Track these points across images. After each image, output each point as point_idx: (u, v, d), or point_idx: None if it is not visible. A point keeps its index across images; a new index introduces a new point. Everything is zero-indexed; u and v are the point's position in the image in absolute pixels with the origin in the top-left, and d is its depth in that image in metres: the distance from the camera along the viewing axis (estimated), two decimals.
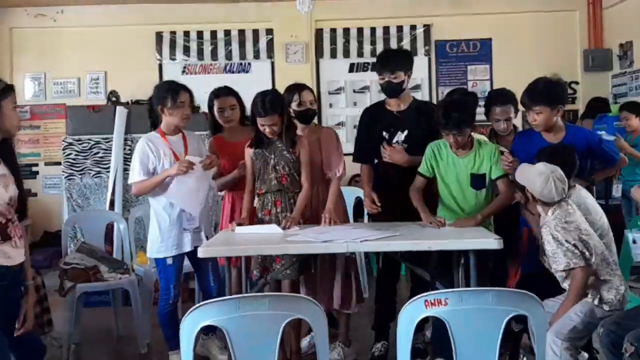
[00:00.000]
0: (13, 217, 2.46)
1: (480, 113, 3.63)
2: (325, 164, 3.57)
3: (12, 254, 2.45)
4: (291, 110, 3.53)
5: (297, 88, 3.62)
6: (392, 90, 3.56)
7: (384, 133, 3.58)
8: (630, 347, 2.35)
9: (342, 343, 3.58)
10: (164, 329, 3.47)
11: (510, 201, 3.28)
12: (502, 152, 3.35)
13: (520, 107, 3.57)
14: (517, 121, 4.09)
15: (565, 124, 3.41)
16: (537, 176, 2.82)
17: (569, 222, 2.76)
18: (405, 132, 3.55)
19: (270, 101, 3.29)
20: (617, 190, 5.42)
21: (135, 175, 3.33)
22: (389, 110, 3.63)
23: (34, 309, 3.43)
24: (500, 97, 3.69)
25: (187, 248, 3.41)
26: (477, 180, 3.28)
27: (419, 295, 2.00)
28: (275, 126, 3.33)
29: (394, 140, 3.55)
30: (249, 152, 3.46)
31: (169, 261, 3.39)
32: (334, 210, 3.40)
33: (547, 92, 3.26)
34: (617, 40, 6.56)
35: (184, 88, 3.42)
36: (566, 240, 2.72)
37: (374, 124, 3.67)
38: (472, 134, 3.32)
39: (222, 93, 3.85)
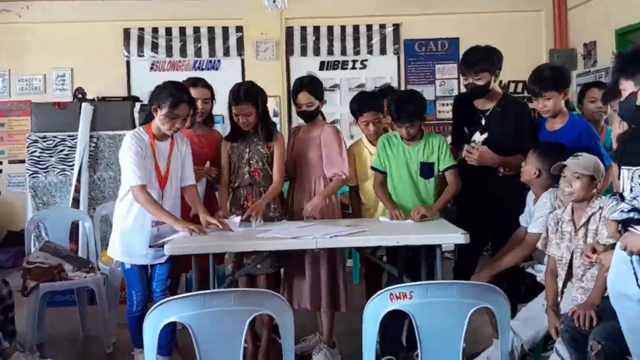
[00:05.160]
0: None
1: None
2: (326, 163, 3.47)
3: None
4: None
5: (296, 89, 3.51)
6: (476, 92, 3.45)
7: (465, 129, 3.55)
8: (597, 345, 2.32)
9: (327, 344, 3.51)
10: (130, 331, 3.34)
11: (459, 190, 3.37)
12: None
13: None
14: None
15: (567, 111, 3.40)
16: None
17: None
18: (485, 135, 3.45)
19: (244, 91, 3.33)
20: None
21: (137, 179, 3.07)
22: (475, 106, 3.51)
23: None
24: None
25: (146, 261, 3.21)
26: (426, 169, 3.37)
27: (384, 289, 2.01)
28: (248, 116, 3.33)
29: (472, 139, 3.49)
30: (225, 145, 3.45)
31: (127, 265, 3.23)
32: (319, 205, 3.38)
33: (555, 77, 3.27)
34: (581, 40, 6.70)
35: (188, 101, 3.14)
36: None
37: (458, 117, 3.68)
38: None
39: (200, 84, 3.65)
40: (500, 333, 2.13)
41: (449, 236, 2.95)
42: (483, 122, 3.48)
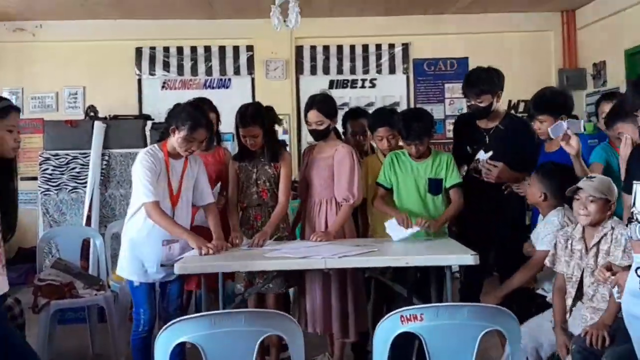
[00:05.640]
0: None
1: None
2: (336, 185, 3.41)
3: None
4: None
5: (307, 106, 3.49)
6: (479, 113, 3.48)
7: (468, 148, 3.57)
8: None
9: None
10: (133, 354, 3.23)
11: (461, 208, 3.39)
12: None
13: None
14: None
15: None
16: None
17: None
18: (490, 153, 3.46)
19: (251, 113, 3.34)
20: None
21: (150, 196, 3.06)
22: (478, 125, 3.55)
23: None
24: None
25: (156, 278, 3.19)
26: (434, 185, 3.38)
27: (395, 311, 2.01)
28: (255, 138, 3.35)
29: (476, 158, 3.51)
30: (233, 165, 3.47)
31: (135, 283, 3.18)
32: (332, 235, 3.33)
33: (551, 101, 3.28)
34: (591, 60, 6.71)
35: (206, 125, 3.15)
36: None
37: (460, 136, 3.70)
38: None
39: (206, 108, 3.58)
40: (512, 355, 2.12)
41: (459, 257, 2.94)
42: (487, 140, 3.51)
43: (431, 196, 3.39)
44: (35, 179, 5.95)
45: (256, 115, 3.35)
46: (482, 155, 3.50)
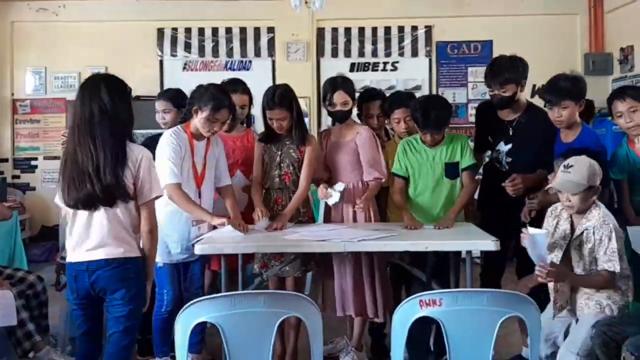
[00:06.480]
0: None
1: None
2: (365, 167, 3.41)
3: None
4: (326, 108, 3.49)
5: (331, 87, 3.43)
6: (501, 103, 3.39)
7: (489, 137, 3.53)
8: (630, 357, 2.30)
9: (355, 347, 3.49)
10: (154, 334, 3.27)
11: (475, 192, 3.38)
12: None
13: None
14: None
15: (582, 122, 3.28)
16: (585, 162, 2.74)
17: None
18: (509, 146, 3.42)
19: (279, 95, 3.30)
20: None
21: (173, 177, 3.08)
22: (499, 116, 3.47)
23: (32, 311, 3.43)
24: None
25: (179, 259, 3.21)
26: (451, 169, 3.34)
27: (414, 295, 2.01)
28: (283, 121, 3.31)
29: (496, 148, 3.47)
30: (259, 145, 3.46)
31: (159, 264, 3.14)
32: (368, 203, 3.36)
33: (573, 86, 3.19)
34: (618, 45, 6.57)
35: (229, 106, 3.16)
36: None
37: (481, 124, 3.65)
38: None
39: (239, 90, 3.59)
40: (531, 342, 2.12)
41: (479, 243, 2.92)
42: (510, 132, 3.43)
43: (449, 181, 3.35)
44: (58, 158, 6.02)
45: (283, 98, 3.30)
46: (502, 147, 3.45)
